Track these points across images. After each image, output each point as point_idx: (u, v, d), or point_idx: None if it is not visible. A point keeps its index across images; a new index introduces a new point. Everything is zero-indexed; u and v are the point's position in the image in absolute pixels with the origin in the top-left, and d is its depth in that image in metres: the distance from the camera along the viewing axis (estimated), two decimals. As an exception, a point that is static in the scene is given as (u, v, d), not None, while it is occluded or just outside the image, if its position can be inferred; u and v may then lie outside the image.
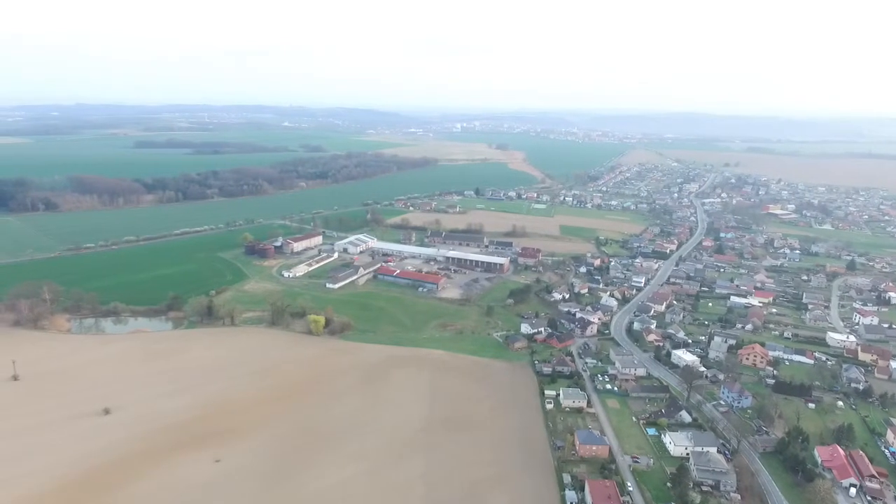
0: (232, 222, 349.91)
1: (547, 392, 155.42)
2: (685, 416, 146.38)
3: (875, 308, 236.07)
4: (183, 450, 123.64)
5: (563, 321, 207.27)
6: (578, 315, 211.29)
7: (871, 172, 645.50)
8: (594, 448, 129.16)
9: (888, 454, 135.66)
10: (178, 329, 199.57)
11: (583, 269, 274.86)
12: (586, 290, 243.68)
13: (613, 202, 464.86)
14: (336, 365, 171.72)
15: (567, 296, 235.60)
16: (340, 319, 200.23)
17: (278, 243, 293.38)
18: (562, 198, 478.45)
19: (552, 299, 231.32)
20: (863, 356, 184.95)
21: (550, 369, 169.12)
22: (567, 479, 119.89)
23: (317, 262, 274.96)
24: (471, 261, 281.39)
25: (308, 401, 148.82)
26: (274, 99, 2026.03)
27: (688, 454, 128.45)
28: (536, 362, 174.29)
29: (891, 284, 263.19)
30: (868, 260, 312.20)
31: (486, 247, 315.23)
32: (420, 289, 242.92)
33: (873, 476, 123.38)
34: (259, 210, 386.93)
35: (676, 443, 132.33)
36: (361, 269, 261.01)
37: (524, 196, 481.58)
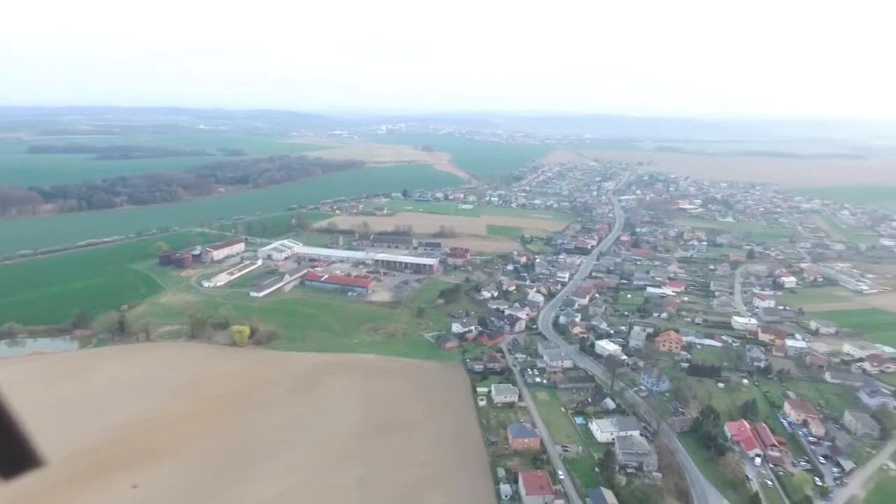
0: (144, 231, 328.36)
1: (479, 389, 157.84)
2: (610, 404, 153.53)
3: (772, 292, 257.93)
4: (94, 478, 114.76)
5: (492, 319, 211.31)
6: (507, 312, 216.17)
7: (765, 169, 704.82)
8: (526, 441, 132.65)
9: (785, 424, 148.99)
10: (86, 348, 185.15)
11: (510, 267, 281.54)
12: (514, 288, 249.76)
13: (537, 201, 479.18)
14: (263, 376, 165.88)
15: (496, 294, 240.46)
16: (266, 329, 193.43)
17: (196, 252, 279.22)
18: (488, 198, 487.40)
19: (482, 298, 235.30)
20: (763, 337, 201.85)
21: (482, 367, 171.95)
22: (501, 472, 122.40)
23: (239, 270, 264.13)
24: (400, 263, 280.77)
25: (235, 415, 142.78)
26: (189, 100, 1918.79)
27: (613, 439, 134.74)
28: (468, 361, 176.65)
29: (784, 270, 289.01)
30: (765, 249, 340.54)
31: (416, 248, 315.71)
32: (349, 293, 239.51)
33: (774, 445, 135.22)
34: (174, 218, 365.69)
35: (602, 429, 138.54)
36: (287, 275, 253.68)
37: (451, 197, 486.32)
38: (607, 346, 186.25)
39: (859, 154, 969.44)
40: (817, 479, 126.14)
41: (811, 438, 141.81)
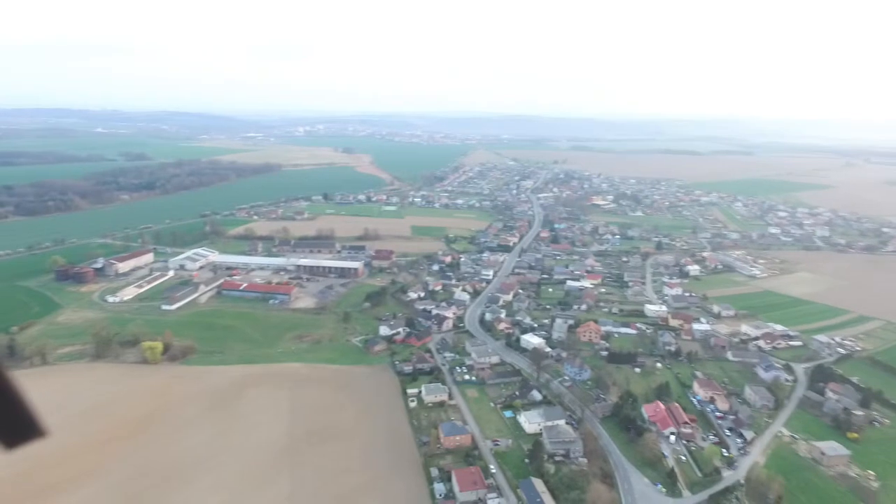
0: (36, 245, 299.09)
1: (409, 391, 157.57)
2: (536, 395, 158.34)
3: (679, 281, 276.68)
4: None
5: (420, 319, 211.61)
6: (434, 312, 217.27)
7: (668, 165, 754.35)
8: (458, 438, 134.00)
9: (695, 402, 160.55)
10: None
11: (435, 267, 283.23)
12: (440, 287, 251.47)
13: (459, 201, 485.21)
14: (180, 393, 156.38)
15: (422, 294, 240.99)
16: (181, 343, 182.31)
17: (99, 265, 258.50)
18: (411, 199, 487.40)
19: (408, 299, 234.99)
20: (673, 322, 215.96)
21: (411, 368, 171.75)
22: (434, 472, 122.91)
23: (148, 282, 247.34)
24: (324, 268, 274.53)
25: (150, 437, 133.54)
26: (81, 101, 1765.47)
27: (541, 430, 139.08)
28: (397, 363, 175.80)
29: (689, 259, 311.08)
30: (671, 240, 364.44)
31: (339, 252, 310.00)
32: (271, 301, 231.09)
33: (686, 423, 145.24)
34: (71, 229, 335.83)
35: (530, 421, 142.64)
36: (202, 285, 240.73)
37: (374, 199, 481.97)
38: (532, 340, 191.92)
39: (748, 151, 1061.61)
40: (724, 450, 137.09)
41: (718, 413, 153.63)
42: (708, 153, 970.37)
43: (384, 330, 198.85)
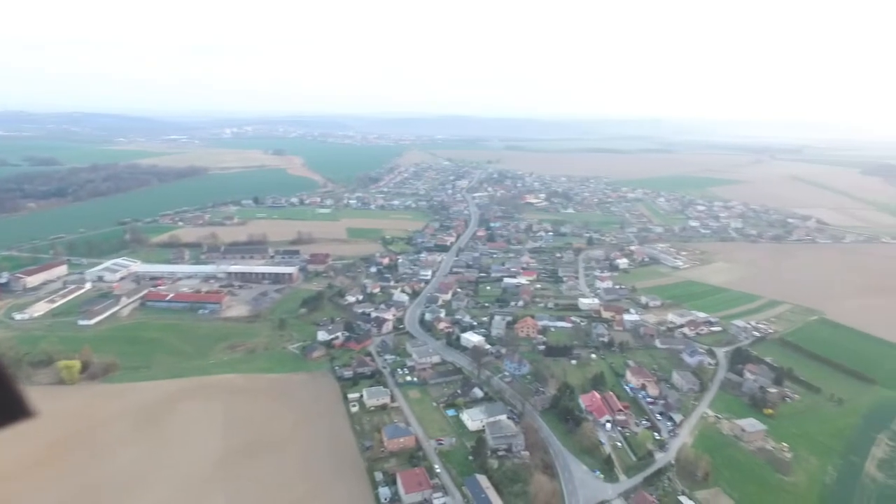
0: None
1: (350, 396, 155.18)
2: (478, 392, 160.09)
3: (609, 274, 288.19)
4: None
5: (359, 323, 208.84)
6: (373, 314, 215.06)
7: (597, 164, 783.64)
8: (401, 440, 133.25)
9: (628, 389, 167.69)
10: None
11: (373, 269, 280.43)
12: (378, 290, 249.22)
13: (395, 202, 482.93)
14: (103, 414, 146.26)
15: (361, 297, 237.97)
16: (102, 360, 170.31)
17: (3, 280, 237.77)
18: (346, 201, 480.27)
19: (346, 302, 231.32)
20: (605, 314, 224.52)
21: (352, 372, 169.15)
22: (379, 476, 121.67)
23: (62, 296, 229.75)
24: (256, 274, 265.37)
25: (75, 461, 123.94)
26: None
27: (484, 426, 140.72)
28: (337, 368, 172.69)
29: (618, 253, 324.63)
30: (601, 235, 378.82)
31: (272, 257, 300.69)
32: (200, 311, 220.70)
33: (620, 410, 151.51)
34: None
35: (473, 418, 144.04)
36: (124, 297, 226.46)
37: (307, 202, 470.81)
38: (472, 338, 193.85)
39: (669, 149, 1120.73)
40: (656, 434, 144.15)
41: (649, 399, 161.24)
42: (632, 151, 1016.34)
43: (322, 335, 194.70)
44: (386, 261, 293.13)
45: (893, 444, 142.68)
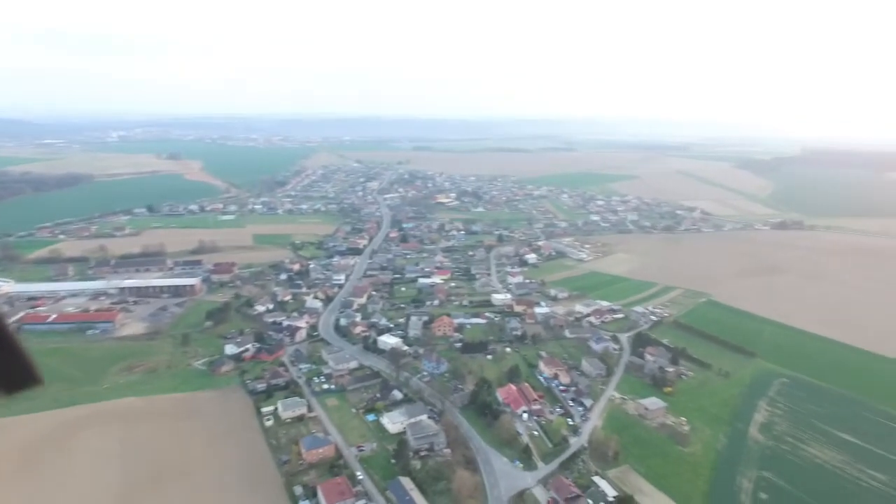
0: None
1: (264, 409, 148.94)
2: (397, 395, 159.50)
3: (519, 269, 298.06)
4: None
5: (270, 333, 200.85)
6: (286, 323, 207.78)
7: (504, 163, 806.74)
8: (321, 450, 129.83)
9: (542, 380, 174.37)
10: None
11: (283, 277, 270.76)
12: (290, 297, 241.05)
13: (304, 206, 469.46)
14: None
15: (271, 306, 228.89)
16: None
17: None
18: (251, 206, 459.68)
19: (256, 312, 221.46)
20: (517, 308, 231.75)
21: (265, 385, 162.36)
22: (298, 490, 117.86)
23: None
24: (154, 287, 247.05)
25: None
26: None
27: (404, 428, 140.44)
28: (248, 382, 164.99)
29: (527, 249, 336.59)
30: (510, 232, 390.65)
31: (172, 269, 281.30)
32: (90, 331, 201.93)
33: (535, 400, 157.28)
34: None
35: (393, 421, 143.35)
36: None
37: (209, 208, 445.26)
38: (389, 341, 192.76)
39: (571, 147, 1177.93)
40: (569, 419, 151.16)
41: (561, 387, 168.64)
42: (536, 150, 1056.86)
43: (231, 348, 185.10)
44: (296, 267, 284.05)
45: (771, 409, 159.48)
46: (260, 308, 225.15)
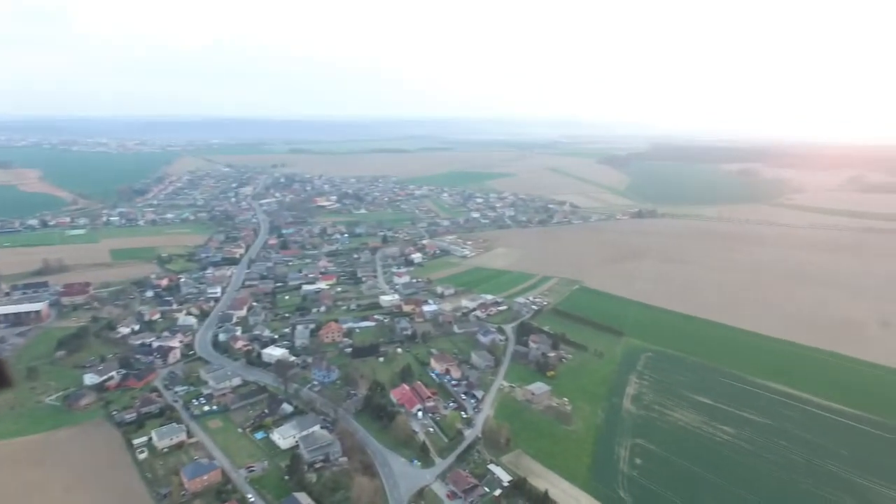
0: None
1: (136, 441, 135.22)
2: (287, 408, 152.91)
3: (406, 269, 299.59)
4: None
5: (138, 356, 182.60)
6: (156, 344, 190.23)
7: (384, 164, 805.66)
8: (205, 478, 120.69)
9: (434, 376, 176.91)
10: None
11: (150, 293, 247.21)
12: (158, 315, 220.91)
13: (169, 215, 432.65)
14: None
15: (137, 327, 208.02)
16: None
17: None
18: (106, 218, 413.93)
19: (119, 335, 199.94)
20: (406, 308, 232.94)
21: (135, 414, 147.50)
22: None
23: None
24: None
25: None
26: None
27: (297, 441, 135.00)
28: (115, 413, 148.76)
29: (412, 248, 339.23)
30: (394, 233, 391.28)
31: (8, 294, 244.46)
32: None
33: (429, 397, 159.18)
34: None
35: (284, 435, 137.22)
36: None
37: (53, 223, 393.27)
38: (274, 353, 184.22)
39: (449, 147, 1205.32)
40: (463, 412, 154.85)
41: (453, 382, 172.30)
42: (415, 150, 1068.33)
43: (91, 378, 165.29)
44: (164, 282, 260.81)
45: (639, 381, 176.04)
46: (124, 330, 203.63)
